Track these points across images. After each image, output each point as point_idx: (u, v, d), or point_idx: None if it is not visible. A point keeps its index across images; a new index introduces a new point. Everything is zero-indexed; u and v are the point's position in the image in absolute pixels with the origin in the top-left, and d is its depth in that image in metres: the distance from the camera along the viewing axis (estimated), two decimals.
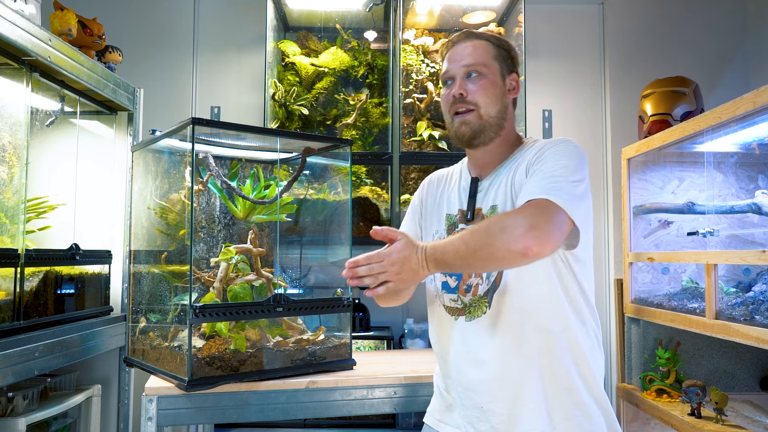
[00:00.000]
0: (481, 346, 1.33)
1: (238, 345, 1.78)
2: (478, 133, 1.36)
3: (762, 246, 2.10)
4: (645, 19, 2.95)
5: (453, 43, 1.43)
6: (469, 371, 1.35)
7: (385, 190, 2.66)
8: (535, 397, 1.29)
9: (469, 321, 1.35)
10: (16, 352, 1.62)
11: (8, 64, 1.72)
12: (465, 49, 1.39)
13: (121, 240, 2.33)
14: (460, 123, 1.37)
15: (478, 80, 1.37)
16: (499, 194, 1.35)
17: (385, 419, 2.50)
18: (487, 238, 1.13)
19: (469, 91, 1.36)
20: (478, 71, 1.37)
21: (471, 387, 1.35)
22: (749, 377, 2.28)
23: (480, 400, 1.33)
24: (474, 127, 1.36)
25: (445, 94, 1.41)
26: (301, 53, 2.80)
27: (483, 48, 1.39)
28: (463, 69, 1.37)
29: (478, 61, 1.37)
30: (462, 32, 1.45)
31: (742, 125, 1.80)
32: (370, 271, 1.17)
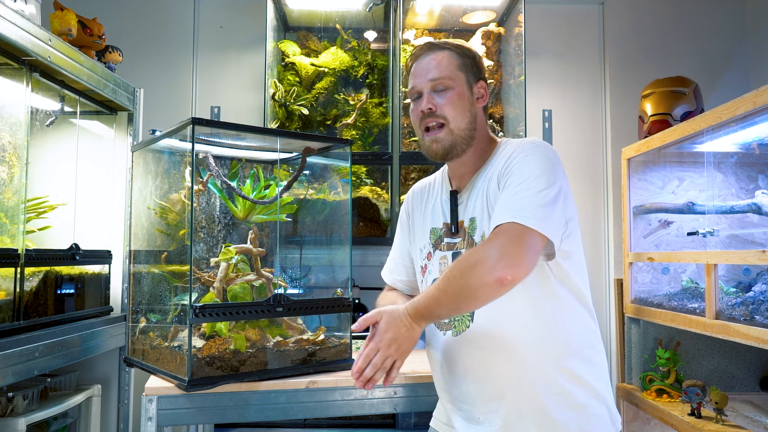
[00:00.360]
0: (469, 360, 1.33)
1: (238, 345, 1.78)
2: (450, 149, 1.36)
3: (762, 246, 2.10)
4: (645, 19, 2.95)
5: (416, 57, 1.41)
6: (460, 385, 1.35)
7: (385, 190, 2.66)
8: (529, 404, 1.28)
9: (455, 335, 1.36)
10: (16, 352, 1.62)
11: (8, 64, 1.72)
12: (429, 63, 1.37)
13: (121, 240, 2.33)
14: (432, 141, 1.37)
15: (445, 94, 1.35)
16: (477, 206, 1.35)
17: (385, 419, 2.50)
18: (462, 279, 1.14)
19: (437, 105, 1.35)
20: (444, 84, 1.35)
21: (465, 400, 1.35)
22: (749, 377, 2.28)
23: (474, 412, 1.33)
24: (445, 144, 1.36)
25: (413, 110, 1.40)
26: (301, 53, 2.80)
27: (446, 60, 1.37)
28: (429, 84, 1.36)
29: (444, 74, 1.36)
30: (424, 44, 1.43)
31: (742, 125, 1.80)
32: (375, 367, 1.19)
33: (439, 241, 1.42)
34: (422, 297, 1.22)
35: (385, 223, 2.61)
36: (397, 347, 1.20)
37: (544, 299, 1.29)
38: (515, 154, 1.29)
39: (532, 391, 1.28)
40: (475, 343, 1.32)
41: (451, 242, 1.39)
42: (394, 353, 1.20)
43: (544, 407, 1.27)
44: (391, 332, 1.20)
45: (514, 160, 1.28)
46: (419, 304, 1.21)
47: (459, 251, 1.36)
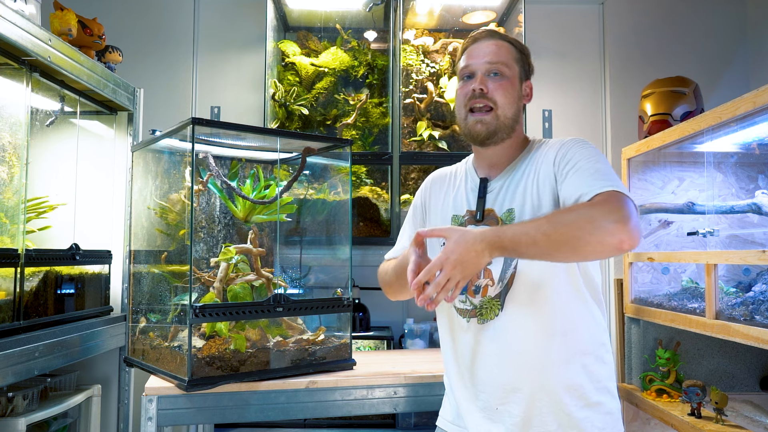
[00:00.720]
0: (495, 349, 1.32)
1: (238, 345, 1.78)
2: (493, 133, 1.35)
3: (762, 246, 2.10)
4: (645, 19, 2.95)
5: (475, 40, 1.41)
6: (482, 373, 1.34)
7: (385, 190, 2.66)
8: (548, 398, 1.29)
9: (482, 323, 1.34)
10: (16, 352, 1.62)
11: (8, 64, 1.72)
12: (488, 47, 1.38)
13: (121, 240, 2.33)
14: (476, 121, 1.36)
15: (499, 80, 1.36)
16: (517, 197, 1.34)
17: (385, 419, 2.50)
18: (575, 231, 1.10)
19: (490, 88, 1.35)
20: (500, 71, 1.36)
21: (485, 389, 1.34)
22: (749, 377, 2.28)
23: (494, 402, 1.32)
24: (490, 127, 1.35)
25: (462, 89, 1.39)
26: (301, 53, 2.80)
27: (506, 49, 1.39)
28: (486, 66, 1.36)
29: (501, 60, 1.37)
30: (485, 30, 1.43)
31: (742, 125, 1.80)
32: (438, 286, 1.14)
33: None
34: (510, 230, 1.15)
35: (385, 223, 2.61)
36: (461, 270, 1.13)
37: (570, 295, 1.31)
38: (571, 146, 1.31)
39: (553, 385, 1.29)
40: (502, 332, 1.31)
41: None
42: (458, 275, 1.13)
43: (563, 403, 1.28)
44: (458, 254, 1.13)
45: (575, 150, 1.29)
46: (504, 236, 1.13)
47: None
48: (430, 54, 2.78)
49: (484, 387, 1.34)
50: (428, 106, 2.69)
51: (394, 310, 2.85)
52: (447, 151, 2.64)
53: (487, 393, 1.33)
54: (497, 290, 1.33)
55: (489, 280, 1.33)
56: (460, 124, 1.41)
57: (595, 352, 1.33)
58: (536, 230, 1.12)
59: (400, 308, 2.86)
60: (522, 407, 1.29)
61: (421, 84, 2.71)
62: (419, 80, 2.71)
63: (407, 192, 2.65)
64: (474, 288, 1.35)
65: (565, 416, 1.29)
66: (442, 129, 2.70)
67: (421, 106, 2.67)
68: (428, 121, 2.68)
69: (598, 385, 1.31)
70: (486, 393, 1.33)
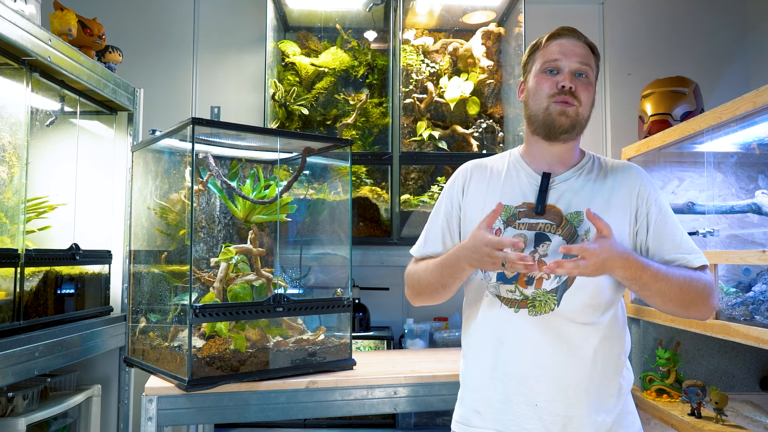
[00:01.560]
0: (547, 343, 1.32)
1: (238, 345, 1.78)
2: (573, 127, 1.38)
3: (762, 246, 2.09)
4: (645, 19, 2.95)
5: (559, 35, 1.42)
6: (527, 366, 1.33)
7: (385, 190, 2.66)
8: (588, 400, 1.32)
9: (533, 315, 1.33)
10: (16, 352, 1.62)
11: (8, 64, 1.72)
12: (577, 47, 1.39)
13: (121, 240, 2.33)
14: (561, 112, 1.36)
15: (585, 81, 1.39)
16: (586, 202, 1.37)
17: (385, 419, 2.50)
18: (697, 298, 1.31)
19: (577, 87, 1.37)
20: (586, 74, 1.39)
21: (526, 382, 1.32)
22: (749, 377, 2.28)
23: (535, 397, 1.31)
24: (572, 120, 1.37)
25: (544, 80, 1.39)
26: (301, 53, 2.80)
27: (589, 54, 1.41)
28: (576, 66, 1.38)
29: (588, 63, 1.40)
30: (570, 29, 1.43)
31: (742, 125, 1.80)
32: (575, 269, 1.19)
33: (512, 219, 1.38)
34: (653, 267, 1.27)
35: (385, 223, 2.61)
36: (595, 270, 1.20)
37: (616, 300, 1.39)
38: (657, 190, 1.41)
39: (597, 384, 1.33)
40: (556, 326, 1.32)
41: (531, 222, 1.37)
42: (587, 273, 1.20)
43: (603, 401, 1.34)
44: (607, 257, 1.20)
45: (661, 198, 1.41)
46: (647, 268, 1.26)
47: (545, 233, 1.36)
48: (430, 54, 2.78)
49: (525, 379, 1.32)
50: (428, 106, 2.69)
51: (394, 310, 2.85)
52: (447, 151, 2.64)
53: (527, 386, 1.32)
54: (553, 285, 1.33)
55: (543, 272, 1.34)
56: (539, 113, 1.40)
57: (625, 359, 1.42)
58: (676, 281, 1.28)
59: (400, 308, 2.86)
60: (564, 405, 1.30)
61: (421, 84, 2.71)
62: (419, 80, 2.71)
63: (407, 192, 2.65)
64: (526, 279, 1.34)
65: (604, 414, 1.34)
66: (442, 129, 2.70)
67: (421, 106, 2.67)
68: (428, 121, 2.68)
69: (627, 385, 1.40)
70: (526, 386, 1.32)
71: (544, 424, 1.30)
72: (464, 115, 2.72)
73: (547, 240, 1.35)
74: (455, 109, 2.69)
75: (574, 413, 1.30)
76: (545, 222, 1.36)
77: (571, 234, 1.35)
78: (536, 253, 1.34)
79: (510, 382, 1.34)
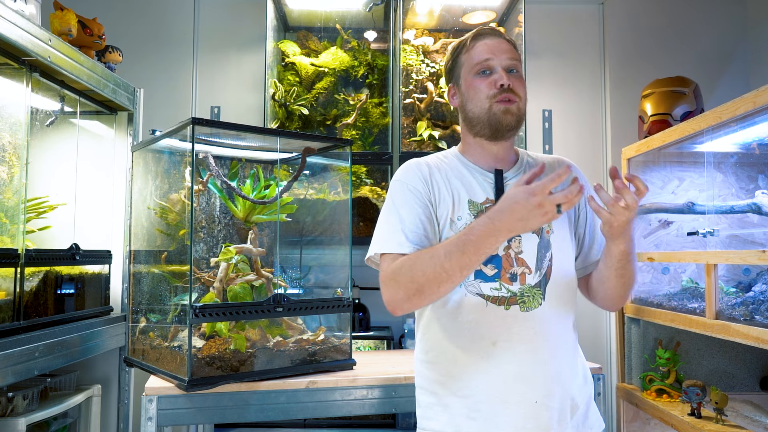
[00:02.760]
0: (541, 338, 1.32)
1: (238, 345, 1.78)
2: (518, 122, 1.39)
3: (762, 246, 2.10)
4: (645, 19, 2.95)
5: (483, 35, 1.43)
6: (525, 364, 1.30)
7: (385, 190, 2.66)
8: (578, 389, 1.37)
9: (525, 311, 1.32)
10: (16, 352, 1.62)
11: (8, 64, 1.72)
12: (502, 44, 1.41)
13: (121, 240, 2.33)
14: (505, 111, 1.36)
15: (518, 77, 1.40)
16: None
17: (385, 419, 2.50)
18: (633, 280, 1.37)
19: (514, 83, 1.38)
20: (517, 69, 1.41)
21: (525, 380, 1.30)
22: (749, 377, 2.28)
23: (534, 394, 1.30)
24: (516, 116, 1.38)
25: (481, 82, 1.39)
26: (301, 53, 2.80)
27: (514, 50, 1.44)
28: (507, 62, 1.39)
29: (516, 59, 1.41)
30: (489, 28, 1.45)
31: (742, 125, 1.80)
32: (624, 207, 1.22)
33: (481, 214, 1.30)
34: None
35: None
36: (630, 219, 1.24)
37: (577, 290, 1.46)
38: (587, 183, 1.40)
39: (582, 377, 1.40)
40: (546, 322, 1.34)
41: None
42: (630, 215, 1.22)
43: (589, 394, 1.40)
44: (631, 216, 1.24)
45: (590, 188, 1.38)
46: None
47: None
48: (430, 54, 2.78)
49: (523, 378, 1.30)
50: (428, 106, 2.69)
51: None
52: None
53: (526, 384, 1.30)
54: (536, 279, 1.34)
55: (525, 268, 1.35)
56: (481, 115, 1.38)
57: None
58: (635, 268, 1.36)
59: None
60: (560, 399, 1.32)
61: (421, 84, 2.71)
62: (419, 80, 2.71)
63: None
64: (509, 275, 1.34)
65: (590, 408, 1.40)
66: (442, 129, 2.70)
67: (421, 106, 2.67)
68: (428, 121, 2.68)
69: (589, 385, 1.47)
70: (525, 384, 1.30)
71: (539, 422, 1.29)
72: None
73: (517, 236, 1.35)
74: (455, 109, 2.68)
75: (567, 404, 1.33)
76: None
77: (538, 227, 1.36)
78: (510, 249, 1.35)
79: (509, 381, 1.30)
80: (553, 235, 1.38)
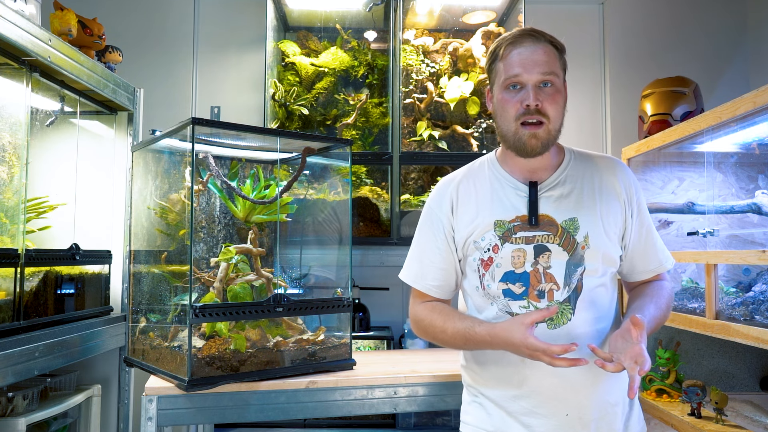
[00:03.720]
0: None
1: (238, 345, 1.78)
2: (546, 146, 1.34)
3: (762, 246, 2.09)
4: (645, 19, 2.95)
5: (517, 44, 1.33)
6: (554, 380, 1.31)
7: (385, 190, 2.66)
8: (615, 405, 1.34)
9: (552, 328, 1.32)
10: (16, 352, 1.62)
11: (8, 64, 1.72)
12: (538, 55, 1.31)
13: (121, 240, 2.33)
14: (531, 136, 1.31)
15: (551, 91, 1.32)
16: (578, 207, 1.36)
17: (385, 419, 2.50)
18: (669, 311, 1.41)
19: (543, 103, 1.31)
20: (552, 82, 1.32)
21: (556, 396, 1.32)
22: (749, 377, 2.28)
23: (564, 408, 1.31)
24: (544, 141, 1.32)
25: (508, 100, 1.33)
26: (301, 53, 2.80)
27: (553, 55, 1.34)
28: (538, 77, 1.30)
29: (552, 70, 1.32)
30: (527, 31, 1.35)
31: (742, 125, 1.80)
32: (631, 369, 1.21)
33: (508, 234, 1.35)
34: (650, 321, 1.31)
35: (385, 223, 2.61)
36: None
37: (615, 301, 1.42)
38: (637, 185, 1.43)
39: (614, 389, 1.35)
40: (576, 335, 1.32)
41: (527, 235, 1.34)
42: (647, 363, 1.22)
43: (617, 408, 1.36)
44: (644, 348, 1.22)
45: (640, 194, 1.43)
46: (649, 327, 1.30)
47: (543, 245, 1.33)
48: (430, 54, 2.78)
49: (555, 394, 1.31)
50: (428, 106, 2.69)
51: (394, 310, 2.85)
52: (447, 151, 2.64)
53: (557, 399, 1.31)
54: (564, 294, 1.32)
55: (553, 284, 1.32)
56: (509, 135, 1.35)
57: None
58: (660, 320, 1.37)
59: (400, 308, 2.86)
60: (592, 411, 1.31)
61: (421, 84, 2.71)
62: (419, 80, 2.71)
63: (407, 192, 2.65)
64: (537, 292, 1.32)
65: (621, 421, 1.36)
66: (442, 129, 2.70)
67: (421, 106, 2.67)
68: (428, 121, 2.68)
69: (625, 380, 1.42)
70: (556, 399, 1.31)
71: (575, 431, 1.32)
72: (464, 115, 2.72)
73: (546, 251, 1.33)
74: (455, 109, 2.69)
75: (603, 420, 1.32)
76: (542, 233, 1.34)
77: (570, 243, 1.34)
78: (538, 264, 1.33)
79: (538, 397, 1.33)
80: (588, 251, 1.33)
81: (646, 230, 1.42)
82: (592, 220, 1.35)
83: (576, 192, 1.38)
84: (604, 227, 1.35)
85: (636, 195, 1.41)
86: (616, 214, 1.37)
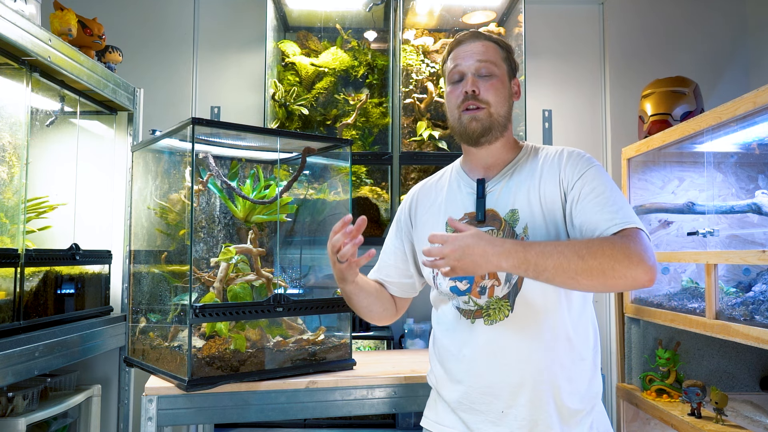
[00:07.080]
0: (505, 350, 1.31)
1: (238, 345, 1.78)
2: (487, 130, 1.36)
3: (762, 246, 2.10)
4: (645, 19, 2.95)
5: (459, 42, 1.42)
6: (489, 375, 1.32)
7: (385, 190, 2.66)
8: (552, 400, 1.29)
9: (489, 324, 1.32)
10: (16, 352, 1.62)
11: (8, 64, 1.72)
12: (475, 47, 1.39)
13: (121, 240, 2.33)
14: (471, 119, 1.36)
15: (489, 79, 1.37)
16: (519, 199, 1.34)
17: (385, 419, 2.50)
18: (613, 261, 1.12)
19: (481, 89, 1.36)
20: (489, 70, 1.37)
21: (491, 392, 1.32)
22: (749, 377, 2.28)
23: (500, 404, 1.31)
24: (484, 123, 1.36)
25: (452, 91, 1.40)
26: (301, 53, 2.80)
27: (492, 48, 1.40)
28: (475, 65, 1.37)
29: (490, 59, 1.38)
30: (469, 32, 1.44)
31: (742, 125, 1.80)
32: (429, 252, 1.19)
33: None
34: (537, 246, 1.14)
35: (385, 223, 2.61)
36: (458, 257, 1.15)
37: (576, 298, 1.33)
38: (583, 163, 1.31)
39: (559, 387, 1.30)
40: (513, 333, 1.30)
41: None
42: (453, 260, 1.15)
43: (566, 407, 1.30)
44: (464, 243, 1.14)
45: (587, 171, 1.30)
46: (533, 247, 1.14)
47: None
48: (430, 54, 2.78)
49: (490, 389, 1.32)
50: (428, 106, 2.69)
51: None
52: (447, 151, 2.64)
53: (492, 395, 1.31)
54: (505, 291, 1.32)
55: (494, 280, 1.32)
56: (454, 125, 1.41)
57: (592, 349, 1.37)
58: (570, 251, 1.13)
59: None
60: (529, 410, 1.28)
61: (421, 84, 2.71)
62: (419, 80, 2.71)
63: (407, 192, 2.65)
64: (479, 289, 1.34)
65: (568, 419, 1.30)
66: (442, 129, 2.70)
67: (421, 106, 2.67)
68: (428, 121, 2.68)
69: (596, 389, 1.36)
70: (491, 395, 1.31)
71: (511, 429, 1.29)
72: None
73: None
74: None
75: (539, 416, 1.28)
76: (488, 229, 1.34)
77: (510, 235, 1.33)
78: None
79: (475, 392, 1.33)
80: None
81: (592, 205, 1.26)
82: (531, 211, 1.32)
83: (517, 184, 1.36)
84: (545, 217, 1.31)
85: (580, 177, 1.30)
86: (555, 201, 1.31)
